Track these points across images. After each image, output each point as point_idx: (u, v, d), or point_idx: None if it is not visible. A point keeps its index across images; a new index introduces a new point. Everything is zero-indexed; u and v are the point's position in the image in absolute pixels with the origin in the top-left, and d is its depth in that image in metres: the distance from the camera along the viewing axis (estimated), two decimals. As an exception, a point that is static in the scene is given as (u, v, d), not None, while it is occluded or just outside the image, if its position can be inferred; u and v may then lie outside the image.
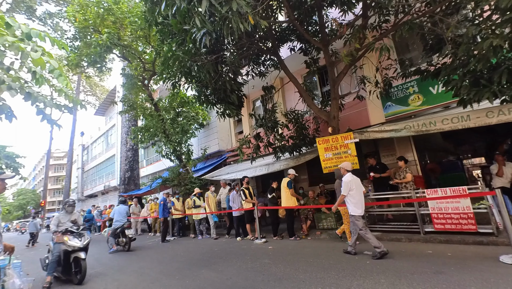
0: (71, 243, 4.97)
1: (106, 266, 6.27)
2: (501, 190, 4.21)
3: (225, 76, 6.70)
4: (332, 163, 6.61)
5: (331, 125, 6.83)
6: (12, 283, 2.94)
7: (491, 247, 4.42)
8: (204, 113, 13.10)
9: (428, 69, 5.98)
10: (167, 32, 6.13)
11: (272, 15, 7.04)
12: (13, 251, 3.15)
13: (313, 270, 4.21)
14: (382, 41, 5.76)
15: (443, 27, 5.05)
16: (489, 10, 4.26)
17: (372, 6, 5.93)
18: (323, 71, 9.32)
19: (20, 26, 2.71)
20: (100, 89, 32.67)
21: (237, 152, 7.70)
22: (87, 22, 10.74)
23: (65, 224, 5.22)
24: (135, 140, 13.01)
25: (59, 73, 2.81)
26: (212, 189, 9.42)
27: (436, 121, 5.66)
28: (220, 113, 7.58)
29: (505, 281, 3.04)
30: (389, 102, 7.65)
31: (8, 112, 2.89)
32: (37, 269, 6.84)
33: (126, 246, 8.06)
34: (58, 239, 4.96)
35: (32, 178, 69.70)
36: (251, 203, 7.61)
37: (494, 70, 4.38)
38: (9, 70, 2.83)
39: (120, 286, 4.62)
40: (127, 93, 12.91)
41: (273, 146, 8.20)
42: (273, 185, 7.54)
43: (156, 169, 18.13)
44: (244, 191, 7.69)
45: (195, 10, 4.02)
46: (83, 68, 13.16)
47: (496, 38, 3.78)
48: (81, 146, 33.26)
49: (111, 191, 24.99)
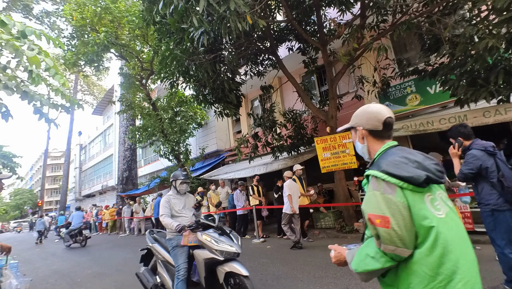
0: (222, 247, 2.81)
1: (105, 266, 6.25)
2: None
3: (223, 76, 6.70)
4: (330, 162, 6.62)
5: (329, 125, 6.84)
6: (9, 283, 2.92)
7: (488, 246, 4.43)
8: (202, 113, 13.07)
9: (425, 69, 6.01)
10: (165, 31, 6.11)
11: (270, 14, 7.05)
12: (10, 251, 3.13)
13: (311, 269, 4.22)
14: (380, 41, 5.78)
15: (441, 27, 5.07)
16: (486, 11, 4.28)
17: (370, 6, 5.94)
18: (321, 70, 9.33)
19: (15, 24, 2.69)
20: (98, 88, 32.51)
21: (235, 151, 7.70)
22: (84, 21, 10.68)
23: (182, 213, 3.24)
24: (133, 139, 12.96)
25: (55, 71, 2.79)
26: (213, 188, 9.39)
27: (433, 120, 5.69)
28: (218, 112, 7.57)
29: (501, 280, 3.06)
30: (387, 102, 7.67)
31: (4, 111, 2.87)
32: (34, 269, 6.81)
33: (83, 243, 10.06)
34: (188, 239, 2.95)
35: (29, 178, 69.28)
36: (258, 200, 7.62)
37: (491, 70, 4.41)
38: (5, 69, 2.81)
39: (118, 286, 4.60)
40: (125, 92, 12.86)
41: (271, 146, 8.21)
42: (278, 183, 7.46)
43: (154, 168, 18.09)
44: (252, 187, 7.77)
45: (192, 9, 4.01)
46: (80, 67, 13.08)
47: (492, 39, 3.80)
48: (78, 146, 33.08)
49: (109, 190, 24.90)
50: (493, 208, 2.68)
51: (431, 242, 0.93)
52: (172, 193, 3.35)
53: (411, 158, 1.04)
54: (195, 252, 3.00)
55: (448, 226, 0.97)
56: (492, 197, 2.69)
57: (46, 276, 5.84)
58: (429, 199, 1.00)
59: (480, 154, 2.75)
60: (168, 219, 3.07)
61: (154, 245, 3.49)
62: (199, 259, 2.93)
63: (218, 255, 2.79)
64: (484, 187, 2.77)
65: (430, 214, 0.96)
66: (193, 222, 3.00)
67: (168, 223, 3.02)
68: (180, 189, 3.33)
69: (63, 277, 5.66)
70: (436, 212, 0.98)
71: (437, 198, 1.02)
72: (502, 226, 2.65)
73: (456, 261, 0.93)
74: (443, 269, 0.93)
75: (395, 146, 1.17)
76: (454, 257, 0.93)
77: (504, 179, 2.57)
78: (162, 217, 3.10)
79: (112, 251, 8.50)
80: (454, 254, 0.93)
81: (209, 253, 2.84)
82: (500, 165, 2.68)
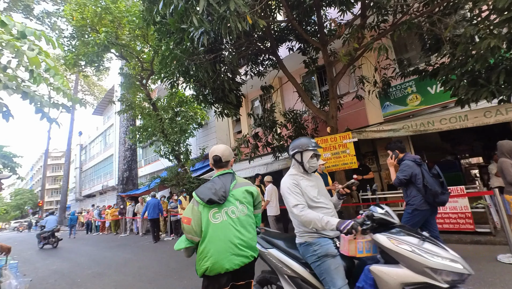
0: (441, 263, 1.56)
1: (104, 266, 6.25)
2: (499, 189, 4.23)
3: (224, 76, 6.68)
4: (330, 163, 6.61)
5: (329, 125, 6.83)
6: (8, 284, 2.91)
7: (489, 246, 4.43)
8: (202, 113, 13.07)
9: (426, 69, 5.99)
10: (165, 31, 6.10)
11: (270, 14, 7.03)
12: (10, 251, 3.13)
13: (311, 269, 4.20)
14: (380, 41, 5.77)
15: (441, 27, 5.06)
16: (487, 10, 4.27)
17: (371, 6, 5.93)
18: (322, 71, 9.32)
19: (15, 25, 2.69)
20: (98, 88, 32.55)
21: (235, 151, 7.69)
22: (85, 21, 10.68)
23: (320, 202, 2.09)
24: (133, 139, 12.96)
25: (54, 72, 2.79)
26: None
27: (434, 121, 5.68)
28: (218, 112, 7.56)
29: (502, 281, 3.05)
30: (387, 102, 7.66)
31: (5, 111, 2.87)
32: (34, 269, 6.81)
33: (55, 244, 11.08)
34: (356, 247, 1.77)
35: (29, 178, 69.35)
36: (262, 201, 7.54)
37: (492, 70, 4.40)
38: (5, 69, 2.81)
39: (117, 286, 4.60)
40: (125, 92, 12.86)
41: (271, 146, 8.19)
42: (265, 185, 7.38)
43: (154, 169, 18.09)
44: None
45: (192, 9, 4.00)
46: (81, 67, 13.08)
47: (494, 39, 3.79)
48: (79, 146, 33.10)
49: (109, 191, 24.90)
50: (415, 208, 3.36)
51: (203, 236, 1.79)
52: (297, 172, 2.19)
53: (213, 186, 1.86)
54: (375, 268, 1.74)
55: (216, 228, 1.78)
56: (417, 199, 3.36)
57: (46, 276, 5.83)
58: (212, 212, 1.82)
59: (411, 164, 3.45)
60: (310, 213, 1.93)
61: (271, 252, 2.30)
62: (391, 283, 1.64)
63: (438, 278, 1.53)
64: (412, 191, 3.43)
65: (207, 220, 1.80)
66: (364, 217, 1.80)
67: (314, 219, 1.88)
68: (310, 166, 2.15)
69: (63, 277, 5.65)
70: (213, 220, 1.80)
71: (220, 212, 1.82)
72: (413, 220, 3.36)
73: (211, 249, 1.74)
74: (204, 252, 1.75)
75: (221, 174, 1.98)
76: (211, 246, 1.75)
77: (428, 184, 3.28)
78: (298, 210, 1.96)
79: (112, 251, 8.50)
80: (212, 245, 1.75)
81: (416, 274, 1.59)
82: (425, 174, 3.38)
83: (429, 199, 3.28)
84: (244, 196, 1.92)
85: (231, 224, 1.80)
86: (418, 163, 3.46)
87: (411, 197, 3.43)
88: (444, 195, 3.28)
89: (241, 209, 1.87)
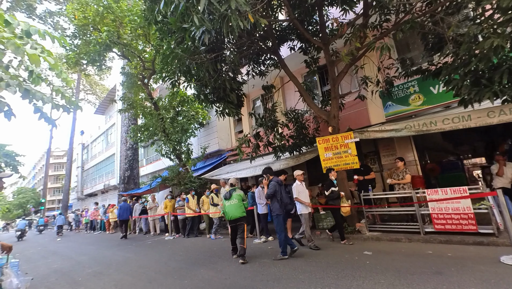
0: None
1: (104, 265, 6.26)
2: (502, 190, 4.19)
3: (225, 75, 6.67)
4: (332, 162, 6.59)
5: (331, 125, 6.80)
6: (9, 282, 2.91)
7: (492, 247, 4.39)
8: (204, 112, 13.06)
9: (429, 68, 5.95)
10: (166, 30, 6.10)
11: (272, 14, 7.01)
12: (11, 250, 3.13)
13: (312, 270, 4.19)
14: (382, 40, 5.74)
15: (444, 26, 5.02)
16: (491, 9, 4.23)
17: (373, 5, 5.89)
18: (323, 70, 9.29)
19: (19, 24, 2.68)
20: (100, 88, 32.62)
21: (237, 151, 7.68)
22: (87, 20, 10.69)
23: None
24: (135, 139, 12.97)
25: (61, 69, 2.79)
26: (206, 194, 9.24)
27: (436, 121, 5.64)
28: (220, 112, 7.55)
29: (506, 282, 3.02)
30: (390, 102, 7.62)
31: (7, 110, 2.86)
32: (35, 268, 6.83)
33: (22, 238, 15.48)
34: None
35: (32, 177, 69.70)
36: None
37: (495, 70, 4.35)
38: (8, 68, 2.81)
39: (117, 286, 4.60)
40: (127, 91, 12.86)
41: (273, 146, 8.17)
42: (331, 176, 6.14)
43: (156, 168, 18.09)
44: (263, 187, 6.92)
45: (194, 8, 3.99)
46: (82, 66, 13.11)
47: (497, 38, 3.75)
48: (81, 145, 33.21)
49: (111, 190, 24.95)
50: (277, 214, 5.11)
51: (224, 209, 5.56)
52: None
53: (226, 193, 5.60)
54: None
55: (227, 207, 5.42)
56: (277, 208, 5.11)
57: (47, 275, 5.85)
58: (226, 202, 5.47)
59: (275, 184, 5.18)
60: None
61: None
62: None
63: None
64: (275, 203, 5.14)
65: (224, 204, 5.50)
66: None
67: None
68: None
69: (64, 276, 5.66)
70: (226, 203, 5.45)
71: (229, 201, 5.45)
72: (278, 222, 5.08)
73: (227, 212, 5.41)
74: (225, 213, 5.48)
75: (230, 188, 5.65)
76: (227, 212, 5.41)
77: (282, 198, 5.13)
78: None
79: (113, 250, 8.51)
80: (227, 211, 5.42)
81: None
82: (282, 191, 5.17)
83: (283, 208, 5.12)
84: (237, 196, 5.44)
85: (231, 205, 5.36)
86: (280, 183, 5.24)
87: (274, 207, 5.14)
88: (291, 205, 5.41)
89: (235, 201, 5.39)
